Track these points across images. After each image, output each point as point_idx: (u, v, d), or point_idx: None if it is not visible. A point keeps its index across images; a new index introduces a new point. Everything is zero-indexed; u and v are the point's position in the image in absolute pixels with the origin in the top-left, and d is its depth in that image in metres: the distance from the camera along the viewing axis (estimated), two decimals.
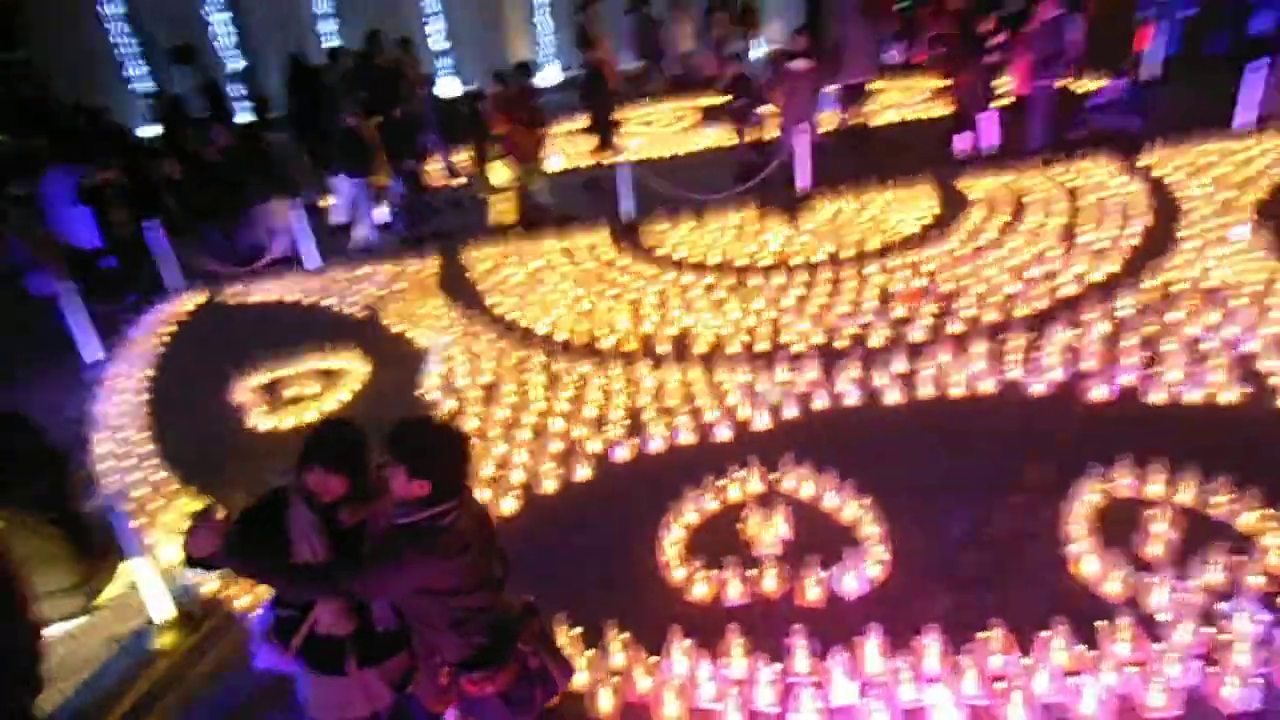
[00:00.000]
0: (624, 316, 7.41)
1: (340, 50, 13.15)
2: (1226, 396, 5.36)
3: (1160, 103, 10.30)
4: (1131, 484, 4.68)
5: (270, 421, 6.61)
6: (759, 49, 13.14)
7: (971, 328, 6.52)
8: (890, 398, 5.83)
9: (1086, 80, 12.05)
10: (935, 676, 3.73)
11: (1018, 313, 6.66)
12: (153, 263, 9.34)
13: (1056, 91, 9.94)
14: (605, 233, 9.30)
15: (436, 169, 11.81)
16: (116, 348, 8.18)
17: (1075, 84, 11.86)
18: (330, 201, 10.86)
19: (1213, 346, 5.82)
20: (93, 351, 8.04)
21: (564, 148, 12.36)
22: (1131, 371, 5.68)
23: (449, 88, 16.62)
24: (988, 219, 8.45)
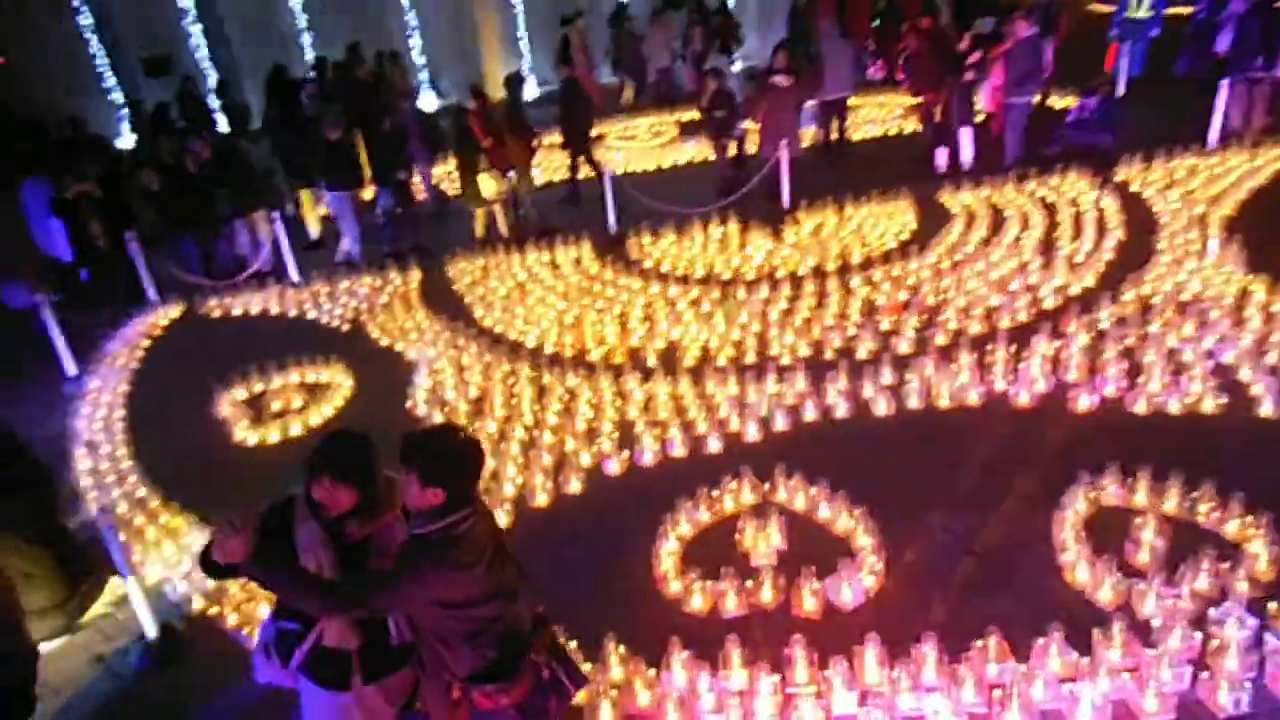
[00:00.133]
0: (611, 329, 7.42)
1: (324, 61, 13.10)
2: (1207, 406, 5.47)
3: (1129, 120, 10.54)
4: (1118, 493, 4.76)
5: (255, 436, 6.53)
6: (737, 65, 13.26)
7: (956, 340, 6.61)
8: (879, 409, 5.89)
9: (1058, 98, 12.32)
10: (934, 685, 3.77)
11: (1001, 325, 6.77)
12: (129, 275, 9.20)
13: (1031, 109, 10.13)
14: (589, 246, 9.31)
15: (416, 182, 11.78)
16: (94, 361, 8.04)
17: (1048, 102, 12.12)
18: (315, 214, 10.80)
19: (1191, 358, 5.95)
20: (71, 365, 7.89)
21: (547, 161, 12.38)
22: (1114, 382, 5.78)
23: (427, 102, 16.63)
24: (967, 233, 8.58)
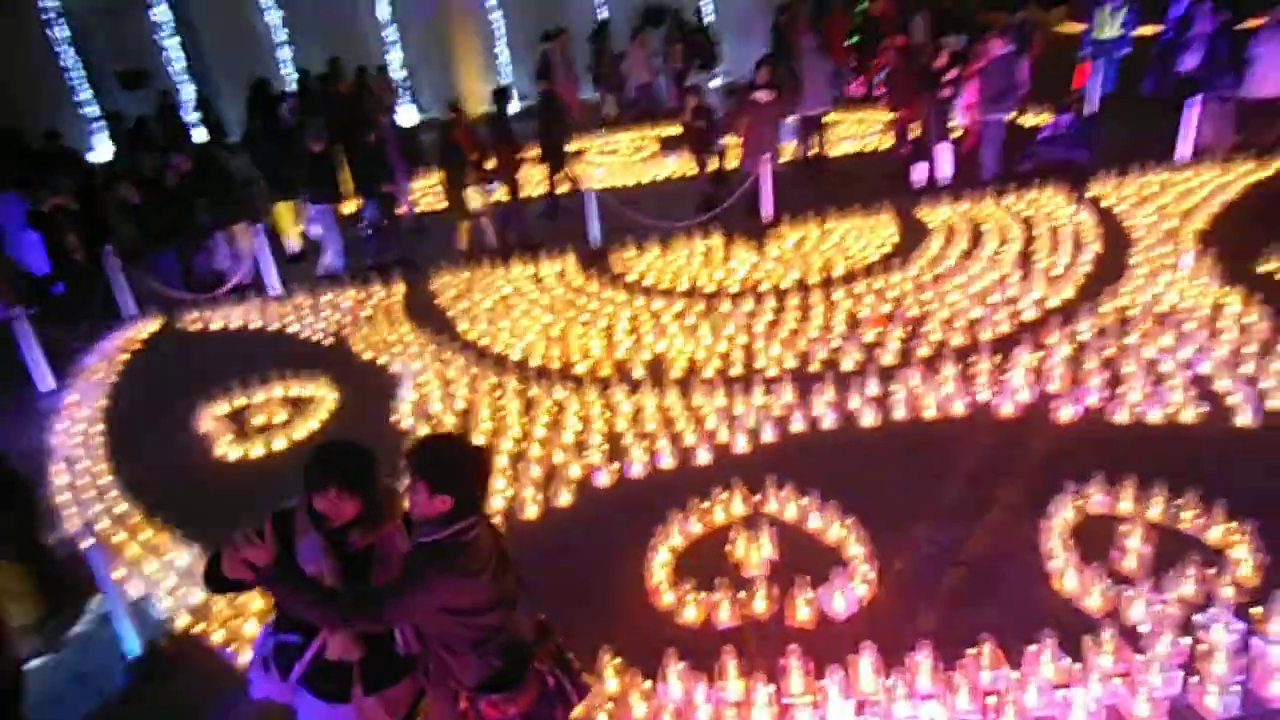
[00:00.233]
0: (597, 342, 7.43)
1: (307, 74, 13.07)
2: (1186, 416, 5.57)
3: (1101, 137, 10.75)
4: (1104, 501, 4.83)
5: (238, 451, 6.46)
6: (716, 81, 13.41)
7: (939, 351, 6.68)
8: (865, 420, 5.94)
9: (1030, 115, 12.53)
10: (929, 693, 3.79)
11: (983, 336, 6.85)
12: (106, 289, 9.09)
13: (1007, 125, 10.31)
14: (572, 259, 9.32)
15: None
16: (71, 376, 7.92)
17: (1022, 118, 12.33)
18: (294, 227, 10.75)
19: (1170, 368, 6.06)
20: (47, 380, 7.77)
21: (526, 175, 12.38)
22: (1095, 392, 5.88)
23: (407, 117, 16.61)
24: (947, 247, 8.70)
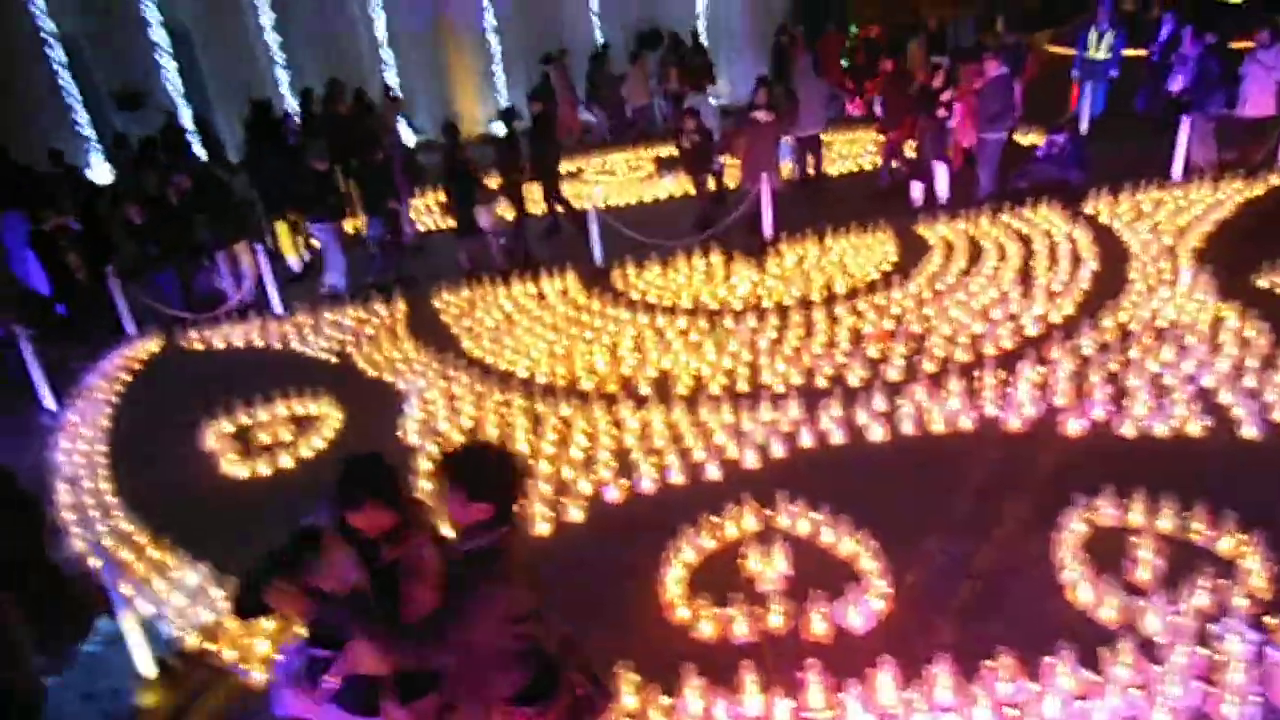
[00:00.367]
0: (602, 358, 7.44)
1: (309, 94, 13.12)
2: (1192, 429, 5.62)
3: (1093, 157, 10.90)
4: (1114, 514, 4.86)
5: (244, 469, 6.43)
6: (713, 101, 13.53)
7: (944, 366, 6.73)
8: (873, 435, 5.97)
9: (1021, 135, 12.67)
10: (949, 706, 3.79)
11: (986, 352, 6.91)
12: (109, 308, 9.07)
13: (1003, 144, 10.44)
14: (574, 277, 9.35)
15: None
16: (73, 395, 7.88)
17: (1017, 138, 12.47)
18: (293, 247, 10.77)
19: (1173, 382, 6.12)
20: (49, 399, 7.73)
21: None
22: (1101, 406, 5.92)
23: (404, 137, 16.67)
24: (947, 263, 8.78)
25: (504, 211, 10.35)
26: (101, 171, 14.34)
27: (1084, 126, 12.66)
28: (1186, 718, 3.66)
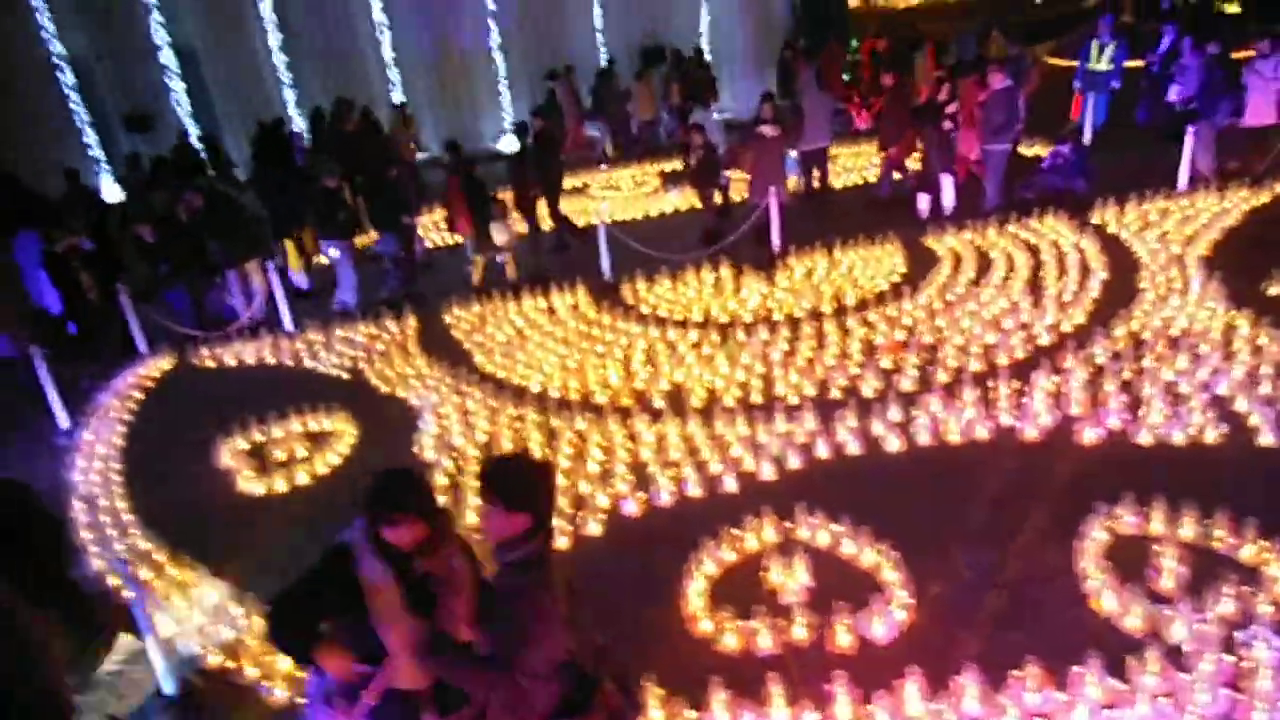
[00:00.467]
0: (615, 372, 7.46)
1: (320, 112, 13.22)
2: (1209, 437, 5.62)
3: (1097, 167, 10.95)
4: (1134, 522, 4.86)
5: (261, 486, 6.43)
6: (715, 117, 13.63)
7: (958, 377, 6.74)
8: (890, 446, 5.97)
9: (1025, 147, 12.73)
10: (977, 716, 3.78)
11: (999, 362, 6.92)
12: (120, 327, 9.11)
13: (1008, 156, 10.49)
14: (584, 292, 9.38)
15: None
16: (87, 414, 7.90)
17: (1021, 149, 12.53)
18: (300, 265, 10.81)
19: (1188, 390, 6.12)
20: (62, 418, 7.75)
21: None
22: (1117, 415, 5.93)
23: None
24: (955, 274, 8.80)
25: (517, 226, 10.41)
26: (110, 192, 14.43)
27: (1087, 137, 12.73)
28: None
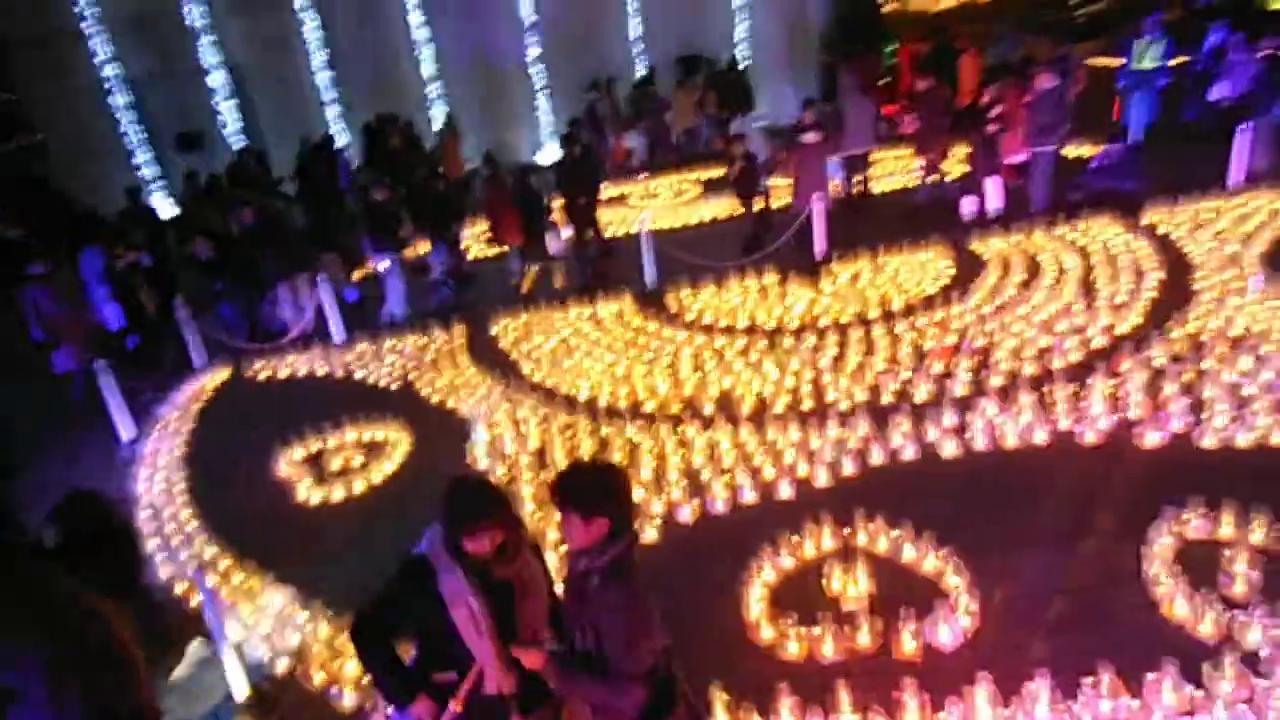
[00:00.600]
0: (663, 380, 7.48)
1: (369, 128, 13.46)
2: (1276, 439, 5.50)
3: (1147, 167, 10.76)
4: (1203, 526, 4.76)
5: (319, 495, 6.55)
6: (756, 125, 13.64)
7: (1012, 381, 6.66)
8: (946, 451, 5.92)
9: (1071, 147, 12.56)
10: None
11: (1054, 365, 6.82)
12: (178, 341, 9.34)
13: (1055, 157, 10.36)
14: (629, 300, 9.43)
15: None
16: (148, 426, 8.10)
17: (1066, 150, 12.36)
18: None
19: (1253, 392, 5.99)
20: (125, 430, 7.96)
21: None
22: (1179, 418, 5.82)
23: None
24: (1005, 278, 8.70)
25: (567, 234, 10.51)
26: (163, 210, 14.80)
27: (1136, 137, 12.52)
28: None
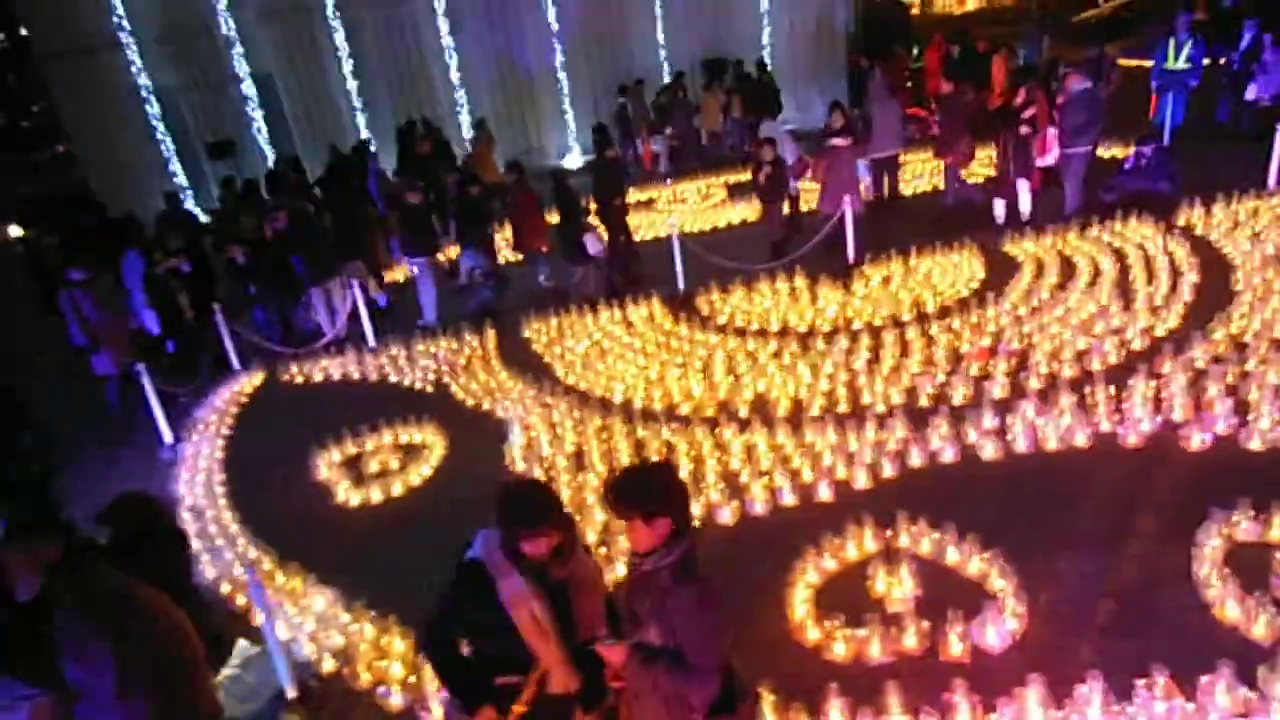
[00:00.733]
0: (697, 383, 7.49)
1: (401, 134, 13.59)
2: None
3: (1180, 167, 10.66)
4: (1252, 528, 4.71)
5: (357, 497, 6.61)
6: (783, 129, 13.66)
7: (1051, 383, 6.61)
8: (986, 453, 5.89)
9: (1103, 149, 12.46)
10: None
11: (1093, 367, 6.77)
12: (216, 345, 9.46)
13: (1089, 159, 10.28)
14: (659, 303, 9.45)
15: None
16: (187, 429, 8.21)
17: (1099, 152, 12.26)
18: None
19: None
20: (165, 432, 8.07)
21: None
22: (1224, 420, 5.75)
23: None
24: (1038, 279, 8.65)
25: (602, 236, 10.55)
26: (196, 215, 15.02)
27: (1166, 137, 12.41)
28: None
